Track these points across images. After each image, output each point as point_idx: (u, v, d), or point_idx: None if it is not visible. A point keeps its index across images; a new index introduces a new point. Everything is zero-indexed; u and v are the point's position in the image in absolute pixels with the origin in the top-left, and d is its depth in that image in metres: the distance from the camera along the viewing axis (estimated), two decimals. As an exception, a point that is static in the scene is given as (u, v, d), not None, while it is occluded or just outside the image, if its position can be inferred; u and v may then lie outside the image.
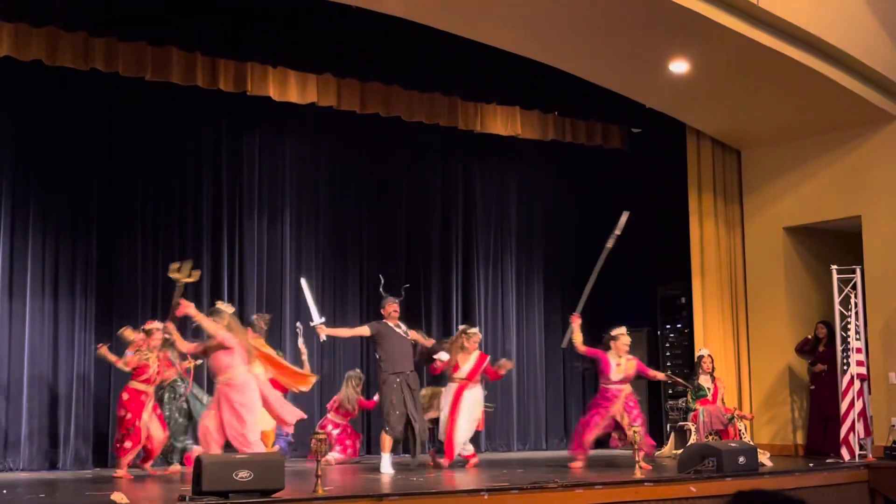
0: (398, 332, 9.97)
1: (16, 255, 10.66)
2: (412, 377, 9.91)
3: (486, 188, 13.87)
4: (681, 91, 11.79)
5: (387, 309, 10.03)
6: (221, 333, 8.50)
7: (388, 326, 9.97)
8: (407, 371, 9.86)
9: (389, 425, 9.64)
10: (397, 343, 9.90)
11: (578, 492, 7.57)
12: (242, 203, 12.04)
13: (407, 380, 9.78)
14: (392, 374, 9.74)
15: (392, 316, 9.99)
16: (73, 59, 9.98)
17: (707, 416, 11.05)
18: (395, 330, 9.97)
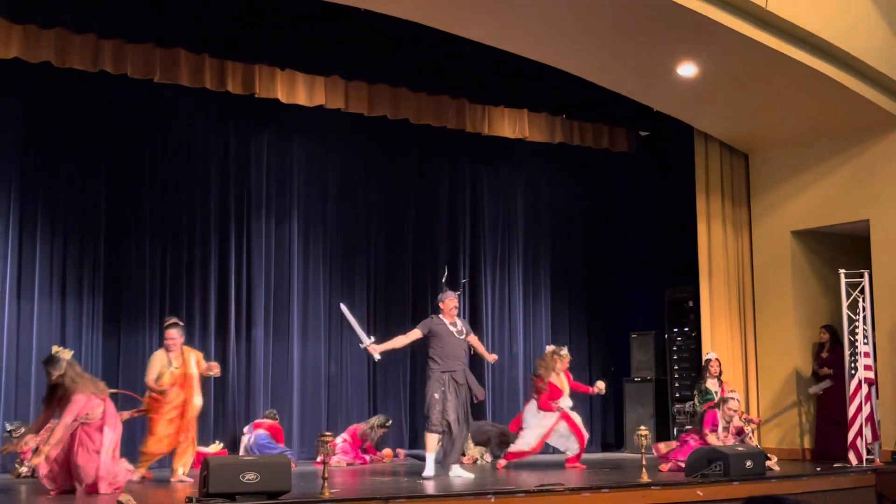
0: (453, 332, 9.27)
1: (24, 255, 10.68)
2: (461, 374, 9.23)
3: (494, 190, 13.86)
4: (689, 94, 11.77)
5: (446, 304, 9.34)
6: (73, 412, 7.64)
7: (443, 325, 9.28)
8: (457, 369, 9.20)
9: (431, 423, 9.09)
10: (451, 344, 9.23)
11: (585, 495, 7.57)
12: (250, 205, 12.05)
13: (454, 377, 9.14)
14: (441, 372, 9.14)
15: (451, 312, 9.32)
16: (81, 60, 10.00)
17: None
18: (450, 328, 9.27)
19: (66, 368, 7.62)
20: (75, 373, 7.71)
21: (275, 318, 12.10)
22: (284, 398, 12.00)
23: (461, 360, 9.20)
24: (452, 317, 9.28)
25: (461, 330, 9.29)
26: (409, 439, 12.70)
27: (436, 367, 9.13)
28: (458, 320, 9.35)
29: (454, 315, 9.29)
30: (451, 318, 9.27)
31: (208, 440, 11.27)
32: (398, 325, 12.73)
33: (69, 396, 7.51)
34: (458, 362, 9.17)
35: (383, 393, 12.75)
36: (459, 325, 9.31)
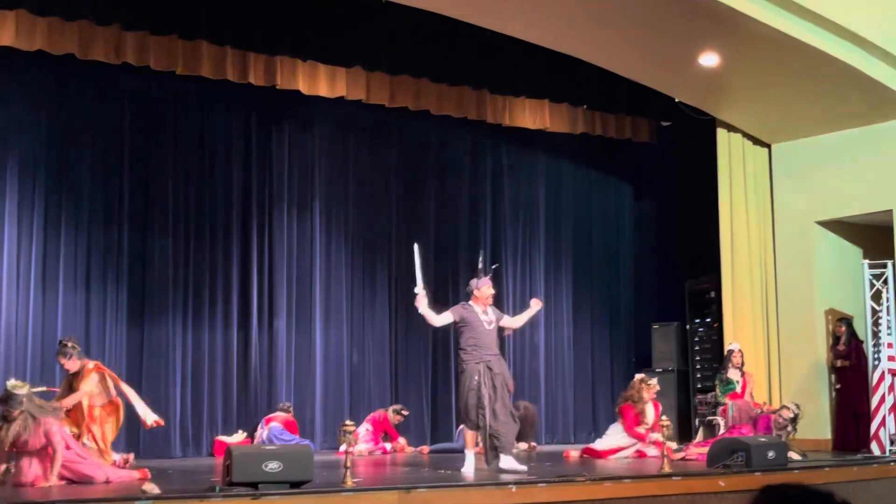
0: (483, 322, 8.71)
1: (49, 247, 10.76)
2: (496, 362, 8.66)
3: (515, 182, 13.86)
4: (711, 84, 11.73)
5: (482, 291, 8.79)
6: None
7: (474, 313, 8.74)
8: (490, 359, 8.62)
9: (468, 418, 8.55)
10: (483, 334, 8.68)
11: (607, 485, 7.56)
12: (272, 196, 12.09)
13: (490, 366, 8.57)
14: (474, 364, 8.57)
15: (486, 300, 8.77)
16: (105, 52, 10.08)
17: (736, 410, 11.01)
18: (480, 318, 8.72)
19: (26, 404, 7.24)
20: (35, 406, 7.32)
21: (297, 308, 12.14)
22: (307, 388, 12.06)
23: (494, 350, 8.70)
24: (486, 305, 8.77)
25: (492, 320, 8.77)
26: (431, 432, 12.73)
27: (469, 358, 8.62)
28: (490, 309, 8.83)
29: (488, 304, 8.79)
30: (483, 306, 8.77)
31: (231, 430, 11.35)
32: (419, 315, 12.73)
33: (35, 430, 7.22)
34: (490, 352, 8.64)
35: (405, 382, 12.78)
36: (491, 315, 8.79)
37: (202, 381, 11.42)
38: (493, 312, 8.86)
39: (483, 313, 8.73)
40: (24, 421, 7.19)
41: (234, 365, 11.59)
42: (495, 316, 8.86)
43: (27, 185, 10.66)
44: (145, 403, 9.02)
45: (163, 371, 11.21)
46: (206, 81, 10.90)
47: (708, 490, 7.96)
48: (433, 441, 12.37)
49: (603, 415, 13.85)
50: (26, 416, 7.21)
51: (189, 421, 11.30)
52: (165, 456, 10.83)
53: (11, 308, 10.42)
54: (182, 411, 11.24)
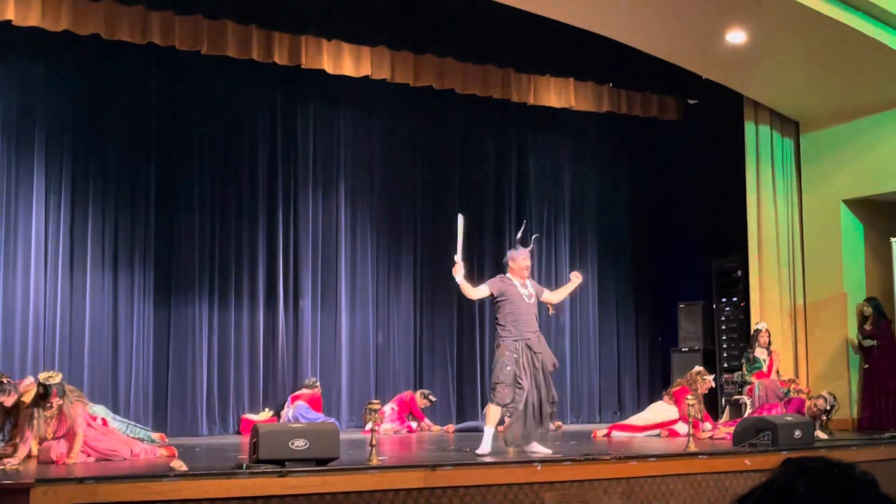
0: (524, 295, 8.20)
1: (76, 228, 10.83)
2: (535, 341, 8.16)
3: (540, 161, 13.82)
4: (738, 61, 11.64)
5: (517, 262, 8.28)
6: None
7: (513, 286, 8.23)
8: (529, 337, 8.12)
9: (497, 395, 8.08)
10: (523, 309, 8.15)
11: (632, 464, 7.56)
12: (297, 176, 12.12)
13: (529, 344, 8.09)
14: (512, 340, 8.09)
15: (522, 272, 8.26)
16: (130, 33, 10.11)
17: (763, 389, 10.98)
18: (520, 291, 8.20)
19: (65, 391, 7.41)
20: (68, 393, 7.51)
21: (322, 288, 12.18)
22: (332, 368, 12.10)
23: (533, 326, 8.16)
24: (524, 277, 8.25)
25: (531, 294, 8.24)
26: (456, 411, 12.75)
27: (507, 334, 8.09)
28: (529, 282, 8.32)
29: (525, 276, 8.26)
30: (521, 278, 8.24)
31: (258, 408, 11.43)
32: (444, 295, 12.80)
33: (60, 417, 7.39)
34: (530, 328, 8.12)
35: (430, 363, 12.80)
36: (530, 288, 8.27)
37: (228, 360, 11.49)
38: (532, 286, 8.36)
39: (522, 286, 8.22)
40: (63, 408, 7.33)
41: (259, 344, 11.65)
42: (535, 290, 8.38)
43: (54, 167, 10.72)
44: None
45: (189, 350, 11.29)
46: (232, 61, 10.92)
47: (734, 469, 7.95)
48: (459, 420, 12.40)
49: (628, 394, 13.86)
50: (66, 402, 7.35)
51: (216, 399, 11.38)
52: (192, 434, 10.92)
53: (40, 289, 10.51)
54: (209, 390, 11.32)
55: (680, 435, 10.24)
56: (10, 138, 10.49)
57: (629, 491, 7.47)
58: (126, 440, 8.07)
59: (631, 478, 7.49)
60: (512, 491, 7.04)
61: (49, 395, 7.23)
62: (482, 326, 13.09)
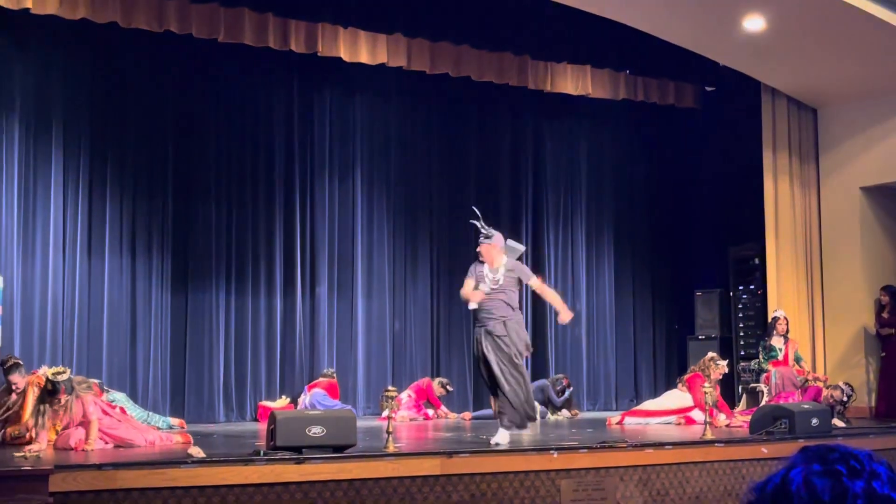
0: (485, 280, 8.03)
1: (94, 215, 10.89)
2: (498, 326, 7.93)
3: (556, 148, 13.79)
4: (756, 48, 11.57)
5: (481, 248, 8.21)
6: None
7: (480, 273, 8.12)
8: (488, 323, 7.95)
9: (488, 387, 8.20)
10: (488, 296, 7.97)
11: (649, 452, 7.57)
12: (313, 163, 12.14)
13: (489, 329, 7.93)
14: (478, 328, 8.06)
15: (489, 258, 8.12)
16: (147, 21, 10.12)
17: (779, 377, 10.95)
18: (484, 277, 8.05)
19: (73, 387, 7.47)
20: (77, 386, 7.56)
21: (339, 275, 12.21)
22: (349, 355, 12.14)
23: (498, 312, 7.93)
24: (492, 263, 8.05)
25: (497, 279, 7.96)
26: (473, 398, 12.77)
27: (475, 321, 8.10)
28: (503, 269, 8.05)
29: (493, 262, 8.06)
30: (490, 263, 8.05)
31: (274, 395, 11.48)
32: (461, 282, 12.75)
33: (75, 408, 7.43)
34: (491, 315, 7.92)
35: (447, 350, 12.82)
36: (499, 274, 7.99)
37: (245, 347, 11.54)
38: (506, 272, 8.06)
39: (490, 272, 8.02)
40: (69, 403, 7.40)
41: (276, 331, 11.69)
42: (519, 274, 8.20)
43: (72, 154, 10.77)
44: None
45: (207, 337, 11.34)
46: (248, 49, 10.93)
47: (751, 457, 7.95)
48: (475, 408, 12.41)
49: (645, 382, 13.85)
50: (72, 397, 7.41)
51: (233, 386, 11.43)
52: (209, 421, 10.98)
53: (59, 276, 10.57)
54: (225, 376, 11.36)
55: (695, 422, 10.23)
56: (28, 126, 10.54)
57: (645, 479, 7.48)
58: (142, 428, 8.12)
59: (647, 465, 7.50)
60: (528, 478, 7.06)
61: (57, 391, 7.29)
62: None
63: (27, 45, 10.56)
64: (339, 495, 6.49)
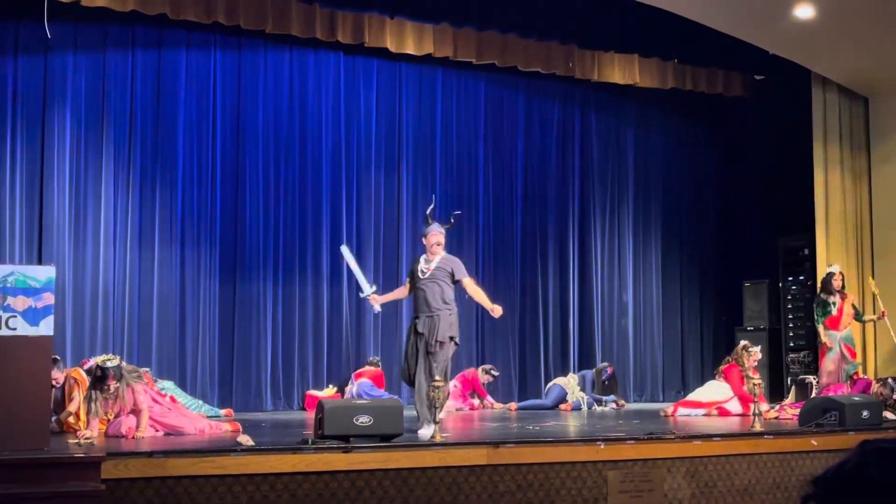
0: (421, 271, 7.97)
1: (144, 206, 11.01)
2: (423, 322, 7.86)
3: (603, 138, 13.71)
4: (806, 36, 11.44)
5: (428, 239, 8.05)
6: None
7: (417, 264, 8.10)
8: (420, 316, 7.89)
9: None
10: (420, 285, 7.95)
11: (696, 443, 7.52)
12: (360, 155, 12.17)
13: (416, 326, 7.91)
14: (412, 319, 8.08)
15: (433, 249, 7.98)
16: (195, 12, 10.21)
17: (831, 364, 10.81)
18: (421, 268, 7.98)
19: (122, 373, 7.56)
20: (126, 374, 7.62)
21: (384, 265, 12.25)
22: (394, 344, 12.16)
23: (432, 304, 7.84)
24: (433, 254, 7.95)
25: (430, 269, 7.92)
26: (518, 389, 12.76)
27: (414, 312, 8.05)
28: (438, 259, 7.97)
29: (436, 252, 7.94)
30: (430, 255, 7.96)
31: (321, 385, 11.54)
32: (506, 273, 12.81)
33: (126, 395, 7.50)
34: (422, 308, 7.87)
35: (492, 340, 12.81)
36: (435, 264, 7.93)
37: (293, 336, 11.61)
38: (438, 264, 7.96)
39: (426, 262, 7.97)
40: (119, 390, 7.47)
41: (323, 321, 11.75)
42: (451, 269, 8.01)
43: (122, 146, 10.90)
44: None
45: (254, 327, 11.43)
46: (295, 40, 10.98)
47: (800, 449, 7.87)
48: (521, 398, 12.40)
49: (692, 373, 13.75)
50: (122, 385, 7.48)
51: (280, 375, 11.51)
52: (257, 409, 11.07)
53: (109, 265, 10.71)
54: (273, 366, 11.45)
55: (731, 413, 10.16)
56: (80, 119, 10.68)
57: (693, 470, 7.44)
58: (192, 416, 8.21)
59: (695, 457, 7.45)
60: (575, 469, 7.04)
61: (106, 377, 7.37)
62: (545, 303, 13.07)
63: (78, 38, 10.69)
64: (386, 484, 6.52)
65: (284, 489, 6.30)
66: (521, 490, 6.87)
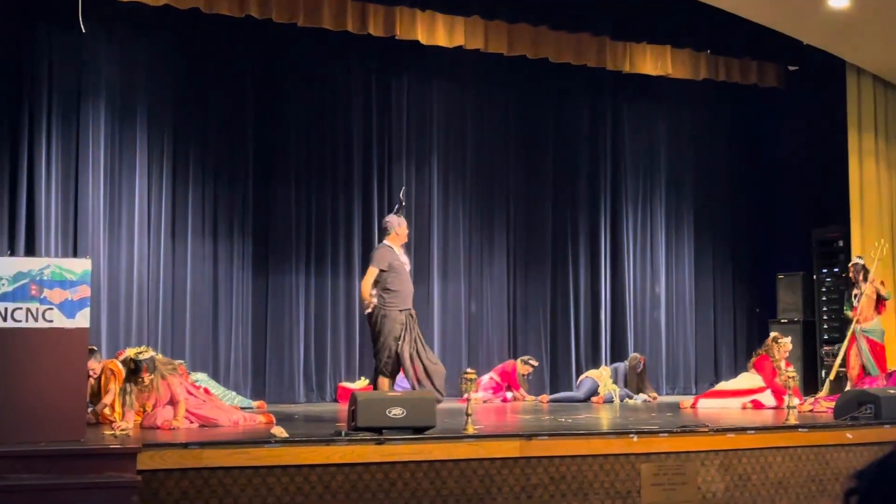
0: (405, 264, 8.34)
1: (177, 198, 11.09)
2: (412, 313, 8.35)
3: (635, 129, 13.65)
4: (840, 26, 11.33)
5: (403, 229, 8.34)
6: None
7: (397, 257, 8.33)
8: (410, 307, 8.32)
9: (387, 367, 8.38)
10: (407, 280, 8.32)
11: (730, 436, 7.49)
12: (391, 148, 12.19)
13: (412, 313, 8.33)
14: (398, 312, 8.25)
15: (404, 240, 8.30)
16: (228, 6, 10.26)
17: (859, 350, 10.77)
18: (402, 260, 8.33)
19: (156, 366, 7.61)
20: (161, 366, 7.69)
21: (415, 258, 12.24)
22: (425, 337, 12.04)
23: (411, 298, 8.39)
24: (400, 246, 8.27)
25: (404, 262, 8.32)
26: (550, 381, 12.75)
27: (395, 302, 8.21)
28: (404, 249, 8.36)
29: (403, 241, 8.29)
30: (400, 247, 8.28)
31: (354, 377, 11.58)
32: (537, 266, 12.80)
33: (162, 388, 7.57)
34: (408, 300, 8.30)
35: (523, 333, 12.80)
36: (405, 259, 8.36)
37: (325, 328, 11.66)
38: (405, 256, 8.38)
39: (402, 255, 8.30)
40: (153, 382, 7.52)
41: (356, 313, 11.77)
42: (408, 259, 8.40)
43: (156, 139, 10.98)
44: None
45: (287, 318, 11.49)
46: (327, 33, 11.00)
47: (835, 442, 7.82)
48: (552, 391, 12.39)
49: (725, 366, 13.68)
50: (157, 377, 7.53)
51: (313, 367, 11.56)
52: (289, 401, 11.12)
53: (143, 257, 10.80)
54: (306, 358, 11.50)
55: (763, 406, 10.10)
56: (114, 112, 10.76)
57: (727, 463, 7.41)
58: (226, 408, 8.26)
59: (729, 450, 7.43)
60: (608, 462, 7.04)
61: (139, 370, 7.42)
62: (576, 296, 13.05)
63: (112, 32, 10.77)
64: (419, 476, 6.54)
65: (318, 481, 6.34)
66: (554, 483, 6.87)
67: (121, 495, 5.79)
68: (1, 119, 10.25)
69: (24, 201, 10.22)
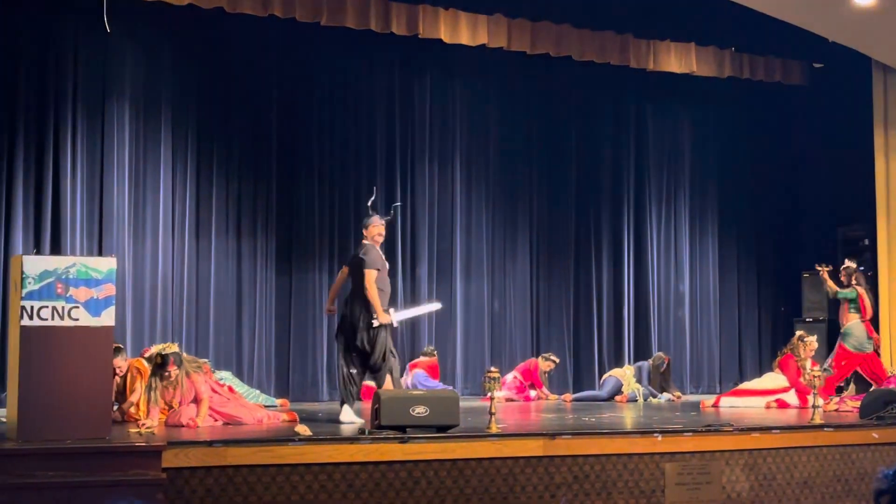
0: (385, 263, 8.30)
1: (201, 197, 11.13)
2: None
3: (659, 128, 13.59)
4: (865, 23, 11.25)
5: (370, 230, 8.27)
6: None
7: (380, 255, 8.25)
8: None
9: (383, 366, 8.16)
10: (386, 277, 8.25)
11: (755, 436, 7.46)
12: (414, 147, 12.19)
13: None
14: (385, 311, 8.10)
15: (377, 239, 8.25)
16: (252, 5, 10.29)
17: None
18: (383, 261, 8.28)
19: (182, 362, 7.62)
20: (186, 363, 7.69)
21: (438, 257, 12.27)
22: (448, 335, 12.19)
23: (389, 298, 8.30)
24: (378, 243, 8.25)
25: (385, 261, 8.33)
26: (573, 380, 12.72)
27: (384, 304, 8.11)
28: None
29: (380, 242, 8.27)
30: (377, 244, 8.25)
31: (377, 375, 11.58)
32: (560, 264, 12.78)
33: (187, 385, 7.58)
34: (387, 301, 8.21)
35: (546, 331, 12.78)
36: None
37: (349, 327, 11.64)
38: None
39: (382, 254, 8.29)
40: (179, 378, 7.54)
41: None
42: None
43: (180, 138, 11.02)
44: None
45: (310, 317, 11.51)
46: (350, 32, 11.01)
47: (861, 442, 7.77)
48: (575, 389, 12.37)
49: (750, 365, 13.61)
50: (182, 373, 7.55)
51: (336, 365, 11.54)
52: (313, 399, 11.15)
53: (168, 255, 10.84)
54: (329, 356, 11.50)
55: (788, 406, 10.04)
56: (138, 111, 10.81)
57: (752, 463, 7.38)
58: (250, 406, 8.29)
59: (753, 450, 7.39)
60: (632, 461, 7.02)
61: (166, 364, 7.44)
62: (599, 295, 13.01)
63: (136, 32, 10.81)
64: (442, 474, 6.55)
65: (341, 479, 6.35)
66: (578, 482, 6.86)
67: (146, 493, 5.82)
68: (27, 118, 10.30)
69: (50, 200, 10.27)
